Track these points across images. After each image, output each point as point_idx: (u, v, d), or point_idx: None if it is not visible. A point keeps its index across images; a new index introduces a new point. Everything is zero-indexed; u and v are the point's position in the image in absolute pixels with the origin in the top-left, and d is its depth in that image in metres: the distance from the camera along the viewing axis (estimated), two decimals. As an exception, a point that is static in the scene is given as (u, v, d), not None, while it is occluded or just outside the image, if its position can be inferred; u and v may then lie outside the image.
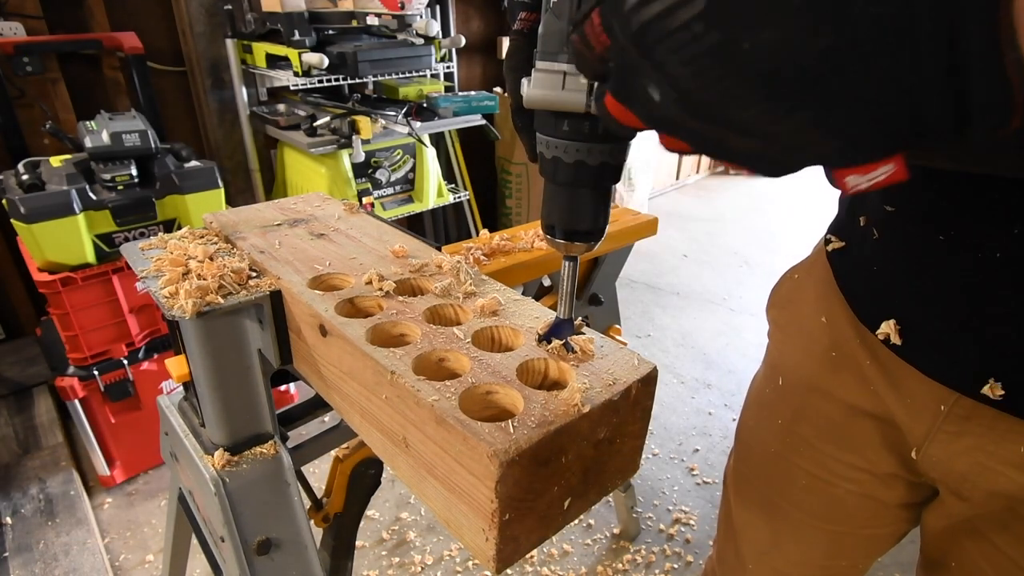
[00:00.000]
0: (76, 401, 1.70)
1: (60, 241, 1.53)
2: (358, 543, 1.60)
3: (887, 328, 0.56)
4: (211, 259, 0.68)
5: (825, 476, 0.69)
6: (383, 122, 2.18)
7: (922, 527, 0.69)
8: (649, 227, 1.29)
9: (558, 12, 0.39)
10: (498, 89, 3.23)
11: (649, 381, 0.47)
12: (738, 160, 0.29)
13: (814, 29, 0.22)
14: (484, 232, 1.10)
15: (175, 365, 0.75)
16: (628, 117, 0.31)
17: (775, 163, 0.28)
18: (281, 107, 2.38)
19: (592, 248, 0.46)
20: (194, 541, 0.98)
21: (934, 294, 0.52)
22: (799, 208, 4.42)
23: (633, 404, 0.46)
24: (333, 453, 0.98)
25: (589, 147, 0.41)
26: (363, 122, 2.08)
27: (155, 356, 1.82)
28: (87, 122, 1.62)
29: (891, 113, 0.23)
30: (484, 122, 2.50)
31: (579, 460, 0.43)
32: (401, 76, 2.24)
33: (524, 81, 0.41)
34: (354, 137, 2.08)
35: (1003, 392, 0.48)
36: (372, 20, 2.15)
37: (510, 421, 0.41)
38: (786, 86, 0.23)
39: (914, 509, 0.69)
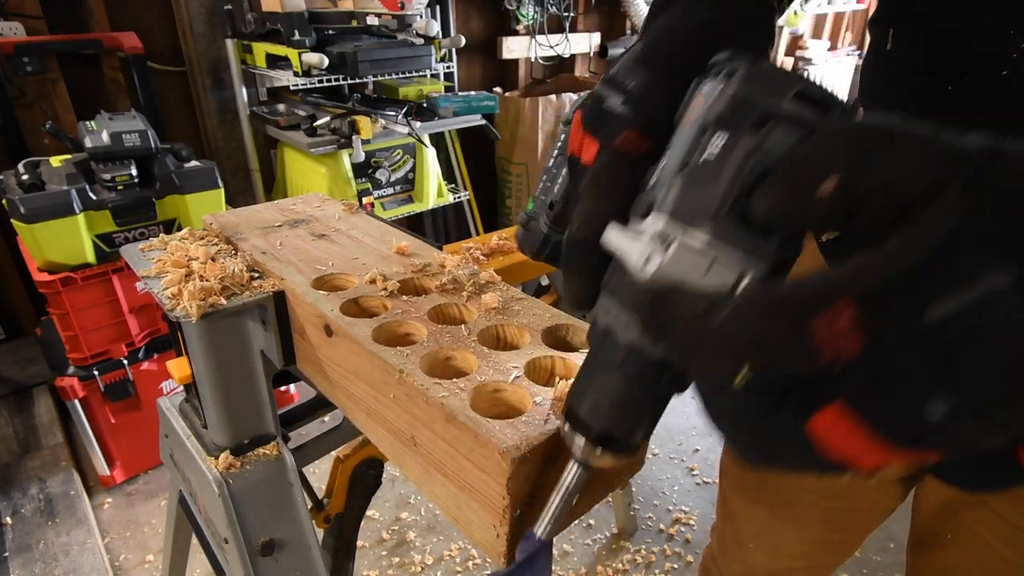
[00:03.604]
0: (76, 401, 1.70)
1: (60, 241, 1.53)
2: (358, 543, 1.60)
3: None
4: (213, 260, 0.68)
5: None
6: (383, 122, 2.18)
7: (915, 504, 0.71)
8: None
9: (714, 170, 0.29)
10: (498, 89, 3.24)
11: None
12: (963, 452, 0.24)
13: None
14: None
15: (177, 367, 0.74)
16: (857, 439, 0.24)
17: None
18: (281, 107, 2.38)
19: (619, 464, 0.35)
20: (194, 541, 0.98)
21: None
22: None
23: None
24: (334, 454, 0.98)
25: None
26: (363, 122, 2.08)
27: (155, 356, 1.82)
28: (87, 122, 1.62)
29: None
30: (484, 122, 2.50)
31: (587, 458, 0.44)
32: (401, 76, 2.24)
33: (652, 258, 0.30)
34: (354, 137, 2.08)
35: None
36: (372, 20, 2.15)
37: (520, 418, 0.41)
38: None
39: (907, 483, 0.71)
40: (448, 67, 2.67)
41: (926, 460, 0.24)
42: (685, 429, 2.18)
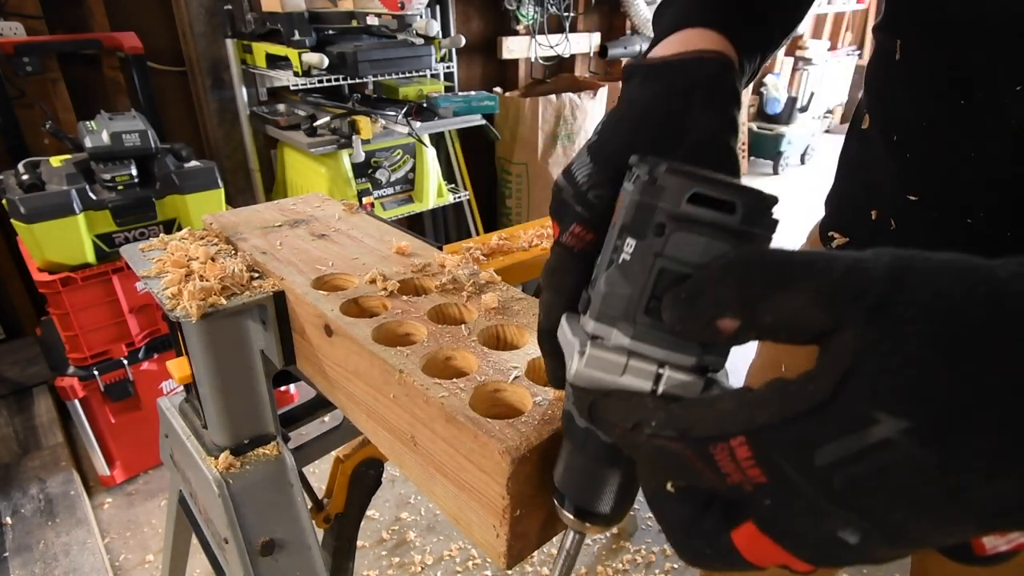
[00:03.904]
0: (76, 401, 1.70)
1: (60, 241, 1.53)
2: (358, 543, 1.60)
3: None
4: (213, 260, 0.68)
5: None
6: (383, 122, 2.18)
7: None
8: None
9: (628, 274, 0.30)
10: (498, 89, 3.24)
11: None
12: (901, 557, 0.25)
13: None
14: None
15: (177, 367, 0.74)
16: (778, 554, 0.25)
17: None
18: (281, 107, 2.38)
19: (608, 529, 0.40)
20: (194, 541, 0.98)
21: None
22: (798, 208, 4.42)
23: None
24: (334, 454, 0.98)
25: None
26: (363, 122, 2.08)
27: (155, 356, 1.82)
28: (87, 122, 1.62)
29: None
30: (484, 122, 2.50)
31: (587, 458, 0.44)
32: (401, 76, 2.24)
33: (575, 358, 0.32)
34: (354, 137, 2.08)
35: None
36: (372, 20, 2.15)
37: (520, 418, 0.41)
38: (1007, 518, 0.21)
39: None
40: (448, 67, 2.67)
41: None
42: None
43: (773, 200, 0.29)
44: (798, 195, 4.66)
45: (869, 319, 0.21)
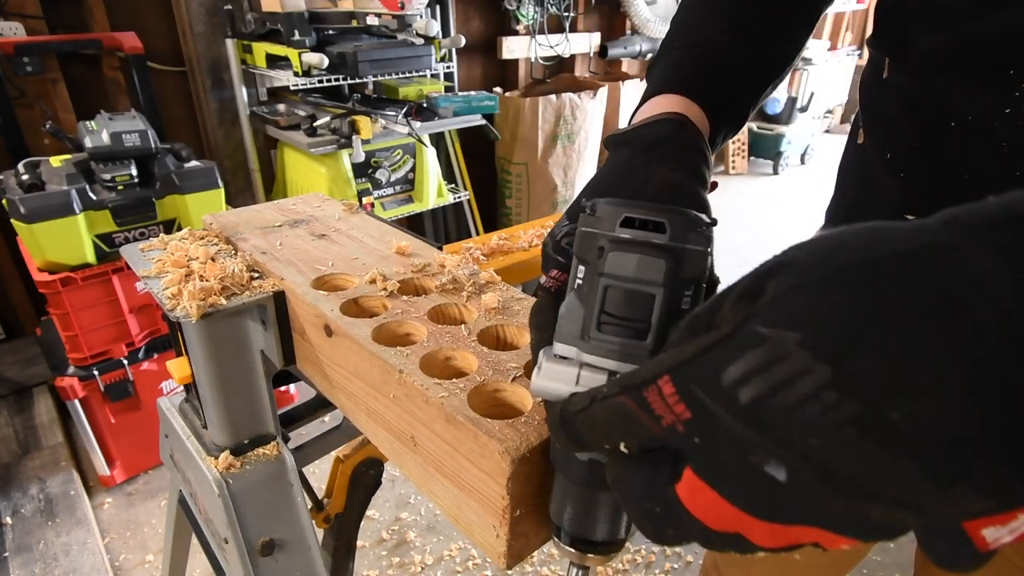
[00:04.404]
0: (76, 401, 1.70)
1: (60, 241, 1.53)
2: (358, 543, 1.60)
3: None
4: (213, 260, 0.68)
5: None
6: (383, 122, 2.18)
7: None
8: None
9: (581, 297, 0.34)
10: (498, 89, 3.24)
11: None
12: (875, 536, 0.24)
13: (972, 400, 0.19)
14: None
15: (177, 367, 0.74)
16: (719, 506, 0.25)
17: (924, 531, 0.24)
18: (281, 107, 2.38)
19: (609, 560, 0.38)
20: (194, 541, 0.98)
21: None
22: (798, 208, 4.43)
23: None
24: (334, 454, 0.98)
25: None
26: (363, 122, 2.08)
27: (155, 356, 1.82)
28: (87, 122, 1.62)
29: None
30: (484, 122, 2.50)
31: (587, 458, 0.44)
32: (401, 76, 2.24)
33: (534, 372, 0.35)
34: (354, 137, 2.08)
35: None
36: (372, 20, 2.15)
37: (520, 418, 0.41)
38: (945, 456, 0.20)
39: None
40: (448, 67, 2.67)
41: (826, 544, 0.25)
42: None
43: (706, 220, 0.33)
44: (798, 195, 4.66)
45: (769, 275, 0.24)
